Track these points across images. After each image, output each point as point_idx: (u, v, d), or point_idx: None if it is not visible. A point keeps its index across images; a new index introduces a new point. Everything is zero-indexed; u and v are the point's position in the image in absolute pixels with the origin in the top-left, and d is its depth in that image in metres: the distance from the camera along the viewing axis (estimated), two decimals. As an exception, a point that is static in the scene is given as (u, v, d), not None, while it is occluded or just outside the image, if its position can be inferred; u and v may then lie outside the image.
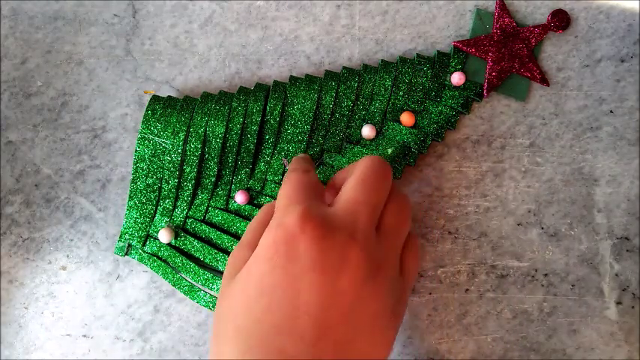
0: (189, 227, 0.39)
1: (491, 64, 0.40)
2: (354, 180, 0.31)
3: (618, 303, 0.42)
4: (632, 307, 0.42)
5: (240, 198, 0.39)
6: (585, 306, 0.42)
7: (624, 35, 0.41)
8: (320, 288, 0.28)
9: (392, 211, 0.31)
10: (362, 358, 0.29)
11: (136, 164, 0.38)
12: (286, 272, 0.28)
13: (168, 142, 0.38)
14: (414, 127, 0.40)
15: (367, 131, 0.39)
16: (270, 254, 0.28)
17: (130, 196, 0.38)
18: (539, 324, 0.42)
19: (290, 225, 0.28)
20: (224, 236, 0.38)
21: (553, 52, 0.41)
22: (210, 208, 0.39)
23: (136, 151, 0.38)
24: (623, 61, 0.41)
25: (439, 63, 0.40)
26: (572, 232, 0.42)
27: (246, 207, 0.39)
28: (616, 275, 0.42)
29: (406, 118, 0.39)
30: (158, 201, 0.39)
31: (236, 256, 0.32)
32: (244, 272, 0.30)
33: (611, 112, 0.41)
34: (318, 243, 0.28)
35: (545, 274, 0.42)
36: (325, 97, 0.39)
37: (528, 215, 0.42)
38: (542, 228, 0.42)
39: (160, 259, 0.39)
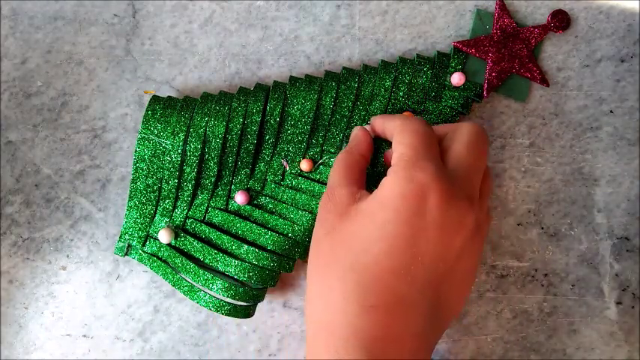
0: (189, 227, 0.39)
1: (491, 64, 0.40)
2: (465, 145, 0.33)
3: (618, 303, 0.42)
4: (632, 307, 0.42)
5: (240, 198, 0.39)
6: (585, 306, 0.42)
7: (624, 35, 0.41)
8: (437, 243, 0.30)
9: (487, 177, 0.35)
10: (451, 308, 0.33)
11: (135, 164, 0.38)
12: (411, 225, 0.30)
13: (168, 142, 0.38)
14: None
15: (367, 132, 0.39)
16: (397, 204, 0.30)
17: (130, 197, 0.38)
18: (539, 324, 0.42)
19: (423, 182, 0.30)
20: (224, 236, 0.38)
21: (553, 52, 0.41)
22: (210, 209, 0.39)
23: (136, 151, 0.38)
24: (623, 61, 0.41)
25: (439, 63, 0.40)
26: (572, 232, 0.42)
27: (246, 207, 0.39)
28: (616, 275, 0.42)
29: (406, 119, 0.39)
30: (158, 201, 0.39)
31: (339, 194, 0.33)
32: (366, 214, 0.31)
33: (611, 112, 0.42)
34: (445, 204, 0.30)
35: (545, 274, 0.42)
36: (325, 98, 0.39)
37: (528, 215, 0.42)
38: (542, 228, 0.42)
39: (160, 259, 0.39)
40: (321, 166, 0.39)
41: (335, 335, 0.30)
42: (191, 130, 0.38)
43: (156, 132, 0.38)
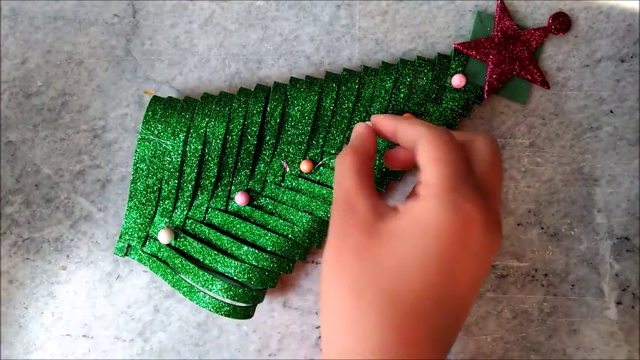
0: (188, 228, 0.39)
1: (491, 66, 0.40)
2: (490, 164, 0.32)
3: (618, 303, 0.42)
4: (632, 307, 0.42)
5: (240, 199, 0.39)
6: (585, 306, 0.42)
7: (624, 35, 0.41)
8: (472, 271, 0.30)
9: None
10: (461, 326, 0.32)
11: (136, 165, 0.38)
12: (453, 256, 0.29)
13: (168, 142, 0.38)
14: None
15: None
16: (442, 234, 0.29)
17: (130, 197, 0.38)
18: (539, 324, 0.42)
19: (469, 214, 0.29)
20: (224, 237, 0.38)
21: (553, 52, 0.41)
22: (210, 209, 0.39)
23: (136, 151, 0.38)
24: (623, 61, 0.41)
25: (440, 65, 0.40)
26: (572, 232, 0.42)
27: (246, 208, 0.39)
28: (616, 275, 0.42)
29: (406, 120, 0.39)
30: (158, 202, 0.39)
31: (361, 206, 0.31)
32: (404, 238, 0.30)
33: (611, 112, 0.41)
34: (487, 235, 0.30)
35: (545, 274, 0.42)
36: (326, 99, 0.39)
37: (528, 215, 0.42)
38: (542, 228, 0.42)
39: (160, 259, 0.39)
40: (321, 168, 0.39)
41: None
42: (191, 130, 0.38)
43: (156, 132, 0.38)
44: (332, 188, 0.38)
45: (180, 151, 0.38)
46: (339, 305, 0.30)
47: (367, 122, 0.36)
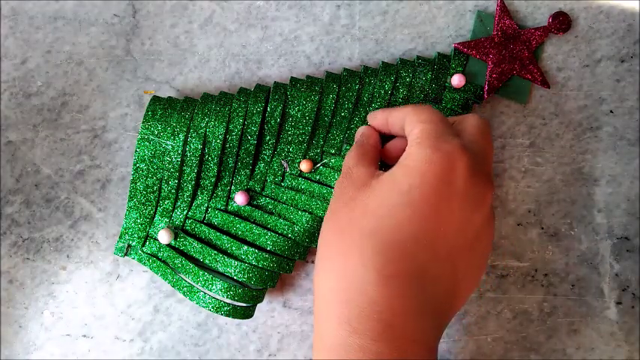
0: (188, 228, 0.39)
1: (491, 66, 0.40)
2: (478, 130, 0.33)
3: (618, 303, 0.42)
4: (632, 307, 0.42)
5: (239, 199, 0.39)
6: (585, 306, 0.42)
7: (624, 35, 0.41)
8: (460, 215, 0.30)
9: None
10: (465, 289, 0.32)
11: (135, 165, 0.38)
12: (437, 191, 0.29)
13: (168, 142, 0.38)
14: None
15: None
16: (424, 170, 0.30)
17: (130, 197, 0.38)
18: (539, 324, 0.42)
19: (450, 151, 0.30)
20: (224, 237, 0.38)
21: (553, 52, 0.41)
22: (209, 209, 0.39)
23: (136, 151, 0.38)
24: (623, 61, 0.41)
25: (439, 65, 0.40)
26: (572, 232, 0.42)
27: (246, 208, 0.39)
28: (616, 275, 0.42)
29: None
30: (158, 202, 0.39)
31: (357, 172, 0.33)
32: (390, 181, 0.31)
33: (611, 112, 0.41)
34: (471, 176, 0.30)
35: (545, 274, 0.42)
36: (326, 99, 0.39)
37: (528, 215, 0.42)
38: (542, 228, 0.42)
39: (160, 259, 0.39)
40: (321, 167, 0.39)
41: (349, 305, 0.29)
42: (191, 130, 0.38)
43: (156, 132, 0.38)
44: (332, 188, 0.39)
45: (180, 151, 0.38)
46: (327, 252, 0.31)
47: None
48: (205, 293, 0.37)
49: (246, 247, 0.38)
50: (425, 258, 0.29)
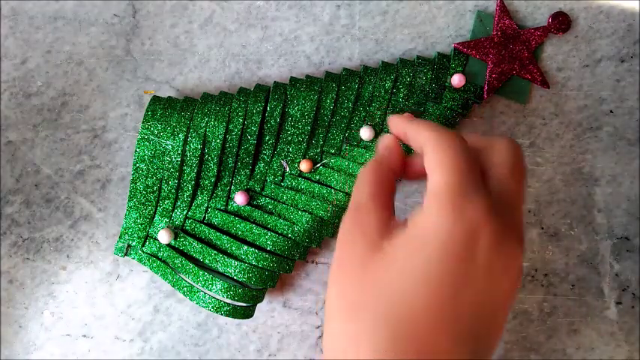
0: (188, 228, 0.39)
1: (491, 66, 0.40)
2: (509, 169, 0.29)
3: (618, 303, 0.42)
4: (632, 307, 0.42)
5: (239, 199, 0.39)
6: (585, 306, 0.42)
7: (624, 35, 0.41)
8: (485, 291, 0.27)
9: None
10: (490, 349, 0.28)
11: (135, 165, 0.38)
12: (458, 271, 0.26)
13: (168, 142, 0.38)
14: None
15: (366, 133, 0.39)
16: (443, 244, 0.26)
17: (130, 197, 0.38)
18: (539, 324, 0.42)
19: (474, 220, 0.26)
20: (223, 237, 0.38)
21: (553, 52, 0.41)
22: (209, 209, 0.39)
23: (136, 151, 0.38)
24: (623, 61, 0.41)
25: (439, 65, 0.40)
26: (572, 232, 0.42)
27: (246, 208, 0.39)
28: (616, 275, 0.42)
29: (406, 119, 0.39)
30: (158, 202, 0.39)
31: (368, 218, 0.29)
32: (403, 253, 0.27)
33: (611, 112, 0.41)
34: (497, 247, 0.27)
35: (545, 274, 0.42)
36: (325, 99, 0.39)
37: (528, 215, 0.42)
38: (542, 228, 0.42)
39: (160, 259, 0.39)
40: (321, 167, 0.39)
41: None
42: (191, 130, 0.38)
43: (156, 132, 0.38)
44: (332, 188, 0.39)
45: (180, 151, 0.38)
46: (337, 328, 0.29)
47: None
48: (205, 293, 0.37)
49: (246, 247, 0.38)
50: (446, 345, 0.26)
